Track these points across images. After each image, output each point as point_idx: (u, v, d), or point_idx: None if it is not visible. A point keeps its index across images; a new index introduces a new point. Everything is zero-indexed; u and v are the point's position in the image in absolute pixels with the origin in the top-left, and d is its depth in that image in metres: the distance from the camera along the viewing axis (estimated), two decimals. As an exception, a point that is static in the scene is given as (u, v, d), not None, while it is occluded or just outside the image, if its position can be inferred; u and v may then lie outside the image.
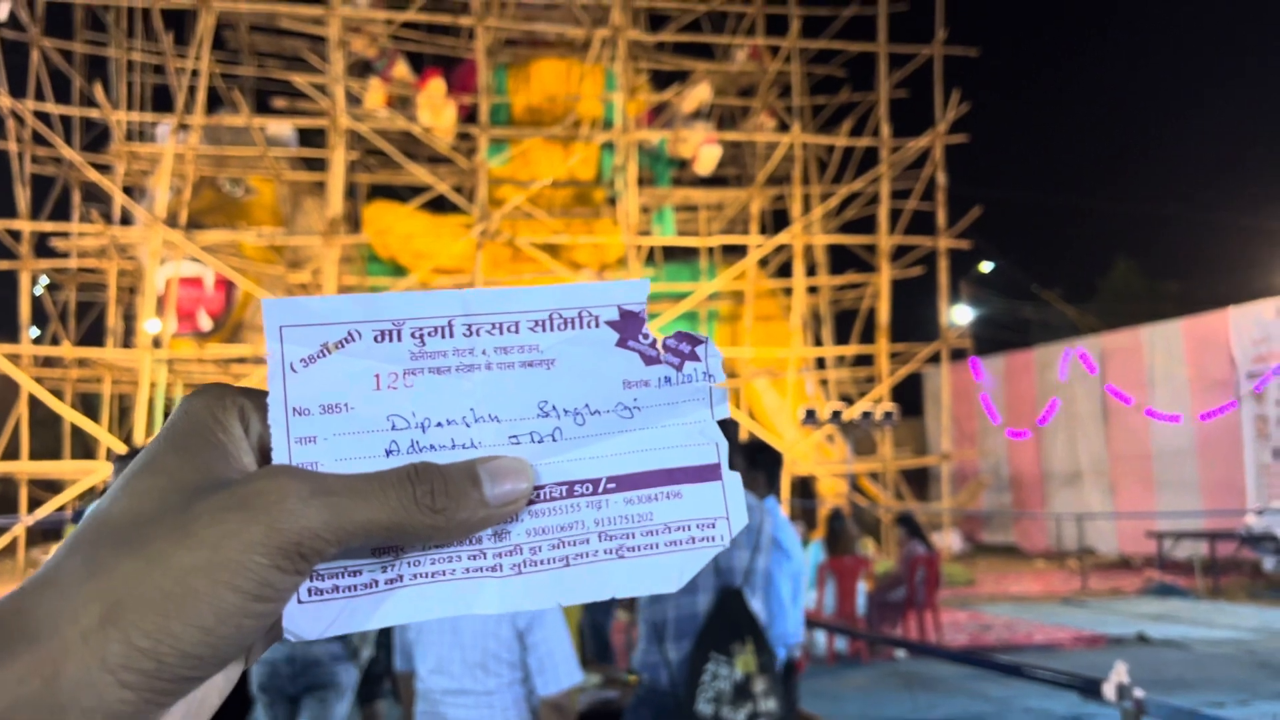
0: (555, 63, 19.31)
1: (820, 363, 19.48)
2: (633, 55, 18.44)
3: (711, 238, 19.27)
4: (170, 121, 16.26)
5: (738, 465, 3.95)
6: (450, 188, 17.74)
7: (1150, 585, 14.10)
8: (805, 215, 18.45)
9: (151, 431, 15.28)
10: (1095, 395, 18.61)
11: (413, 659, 3.08)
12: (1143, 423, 17.53)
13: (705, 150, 18.48)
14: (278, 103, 18.14)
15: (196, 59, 15.95)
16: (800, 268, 18.22)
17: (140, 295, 16.98)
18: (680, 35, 19.92)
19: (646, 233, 18.84)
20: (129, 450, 5.77)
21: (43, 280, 18.36)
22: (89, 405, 18.26)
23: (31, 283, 17.66)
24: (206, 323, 16.60)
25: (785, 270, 19.33)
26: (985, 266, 22.95)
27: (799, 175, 18.98)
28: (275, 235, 16.82)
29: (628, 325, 0.45)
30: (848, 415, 15.13)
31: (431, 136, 17.57)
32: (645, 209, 19.23)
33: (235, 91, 18.07)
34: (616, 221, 17.93)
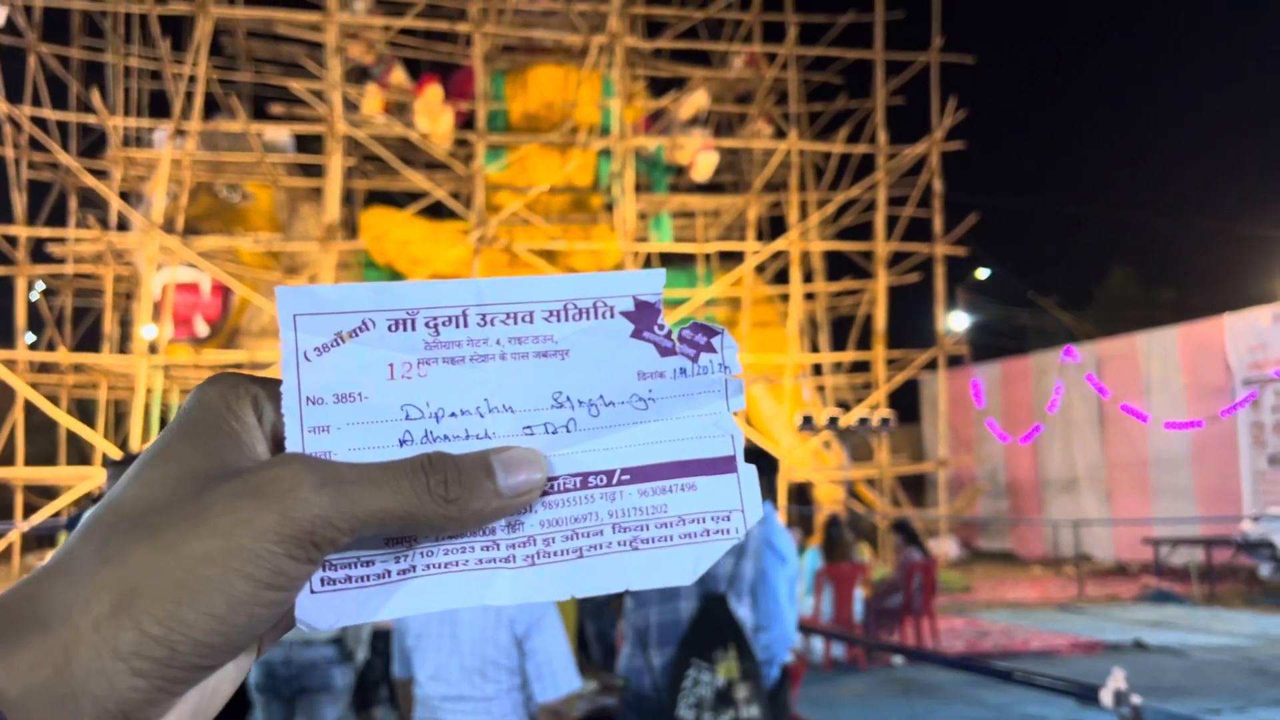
0: (552, 69, 19.35)
1: (817, 369, 19.50)
2: (630, 62, 18.48)
3: (708, 244, 19.29)
4: (167, 127, 16.27)
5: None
6: (447, 194, 17.75)
7: (1147, 592, 14.11)
8: (802, 222, 18.49)
9: (148, 437, 15.25)
10: (1091, 402, 18.63)
11: (411, 666, 3.07)
12: (1139, 430, 17.55)
13: (702, 157, 18.50)
14: (275, 109, 18.16)
15: (194, 65, 15.96)
16: (797, 274, 18.24)
17: (137, 301, 16.97)
18: (677, 42, 19.96)
19: (644, 239, 18.85)
20: (124, 456, 5.76)
21: (39, 286, 18.35)
22: (85, 411, 18.23)
23: (28, 288, 17.65)
24: (203, 328, 16.59)
25: (782, 276, 19.37)
26: (982, 273, 22.99)
27: (796, 182, 19.02)
28: (272, 241, 16.82)
29: (643, 316, 0.45)
30: (844, 421, 15.14)
31: (429, 143, 17.59)
32: (642, 215, 19.25)
33: (232, 97, 18.08)
34: (613, 228, 17.94)
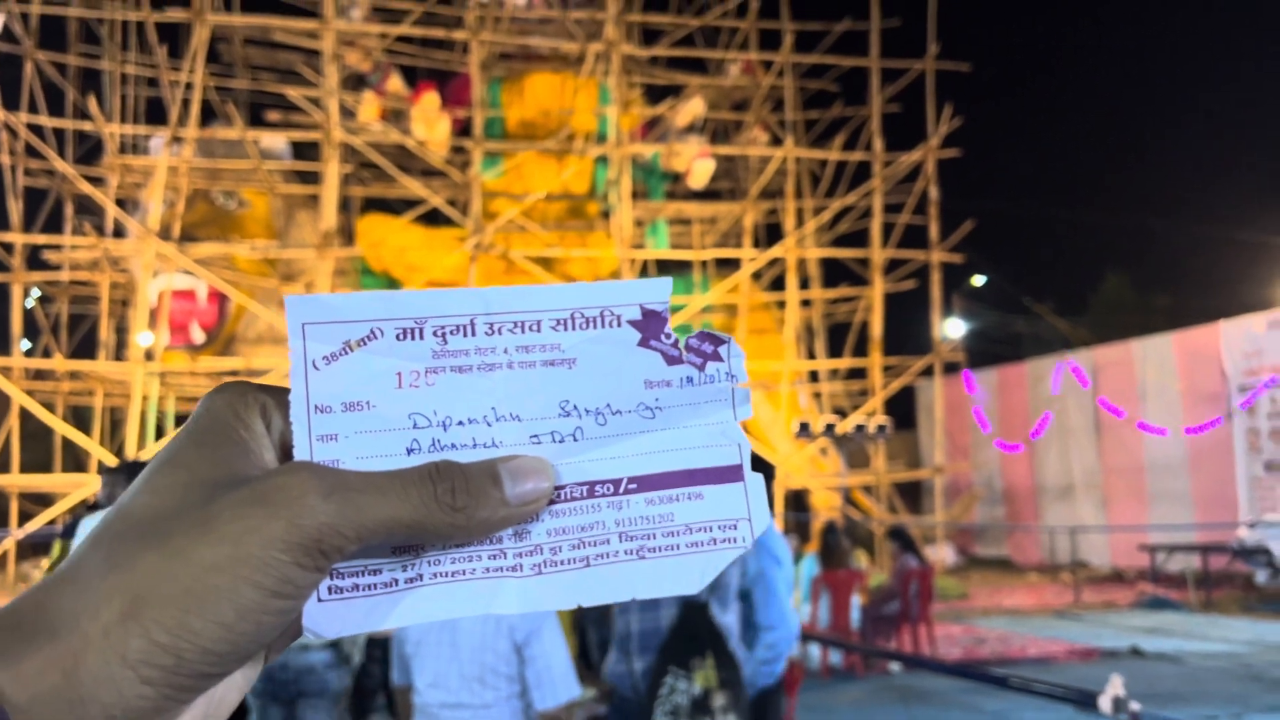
0: (549, 77, 19.37)
1: (813, 376, 19.51)
2: (626, 70, 18.51)
3: (705, 251, 19.32)
4: (164, 134, 16.26)
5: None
6: (444, 201, 17.76)
7: (1143, 598, 14.11)
8: (798, 229, 18.51)
9: (144, 444, 15.22)
10: (1088, 408, 18.65)
11: (410, 672, 3.07)
12: (1135, 436, 17.57)
13: (699, 164, 18.52)
14: (271, 115, 18.16)
15: (190, 72, 15.97)
16: (793, 281, 18.26)
17: (133, 308, 16.95)
18: (673, 50, 20.00)
19: (640, 246, 18.86)
20: (120, 463, 5.76)
21: (34, 292, 18.32)
22: (80, 418, 18.19)
23: (24, 295, 17.62)
24: (199, 335, 16.56)
25: (779, 283, 19.38)
26: (978, 280, 23.05)
27: (792, 189, 19.04)
28: (269, 248, 16.81)
29: (650, 325, 0.45)
30: (841, 428, 15.15)
31: (425, 150, 17.59)
32: (639, 222, 19.26)
33: (229, 104, 18.10)
34: (610, 234, 17.96)
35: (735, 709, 3.23)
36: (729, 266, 19.29)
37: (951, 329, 20.03)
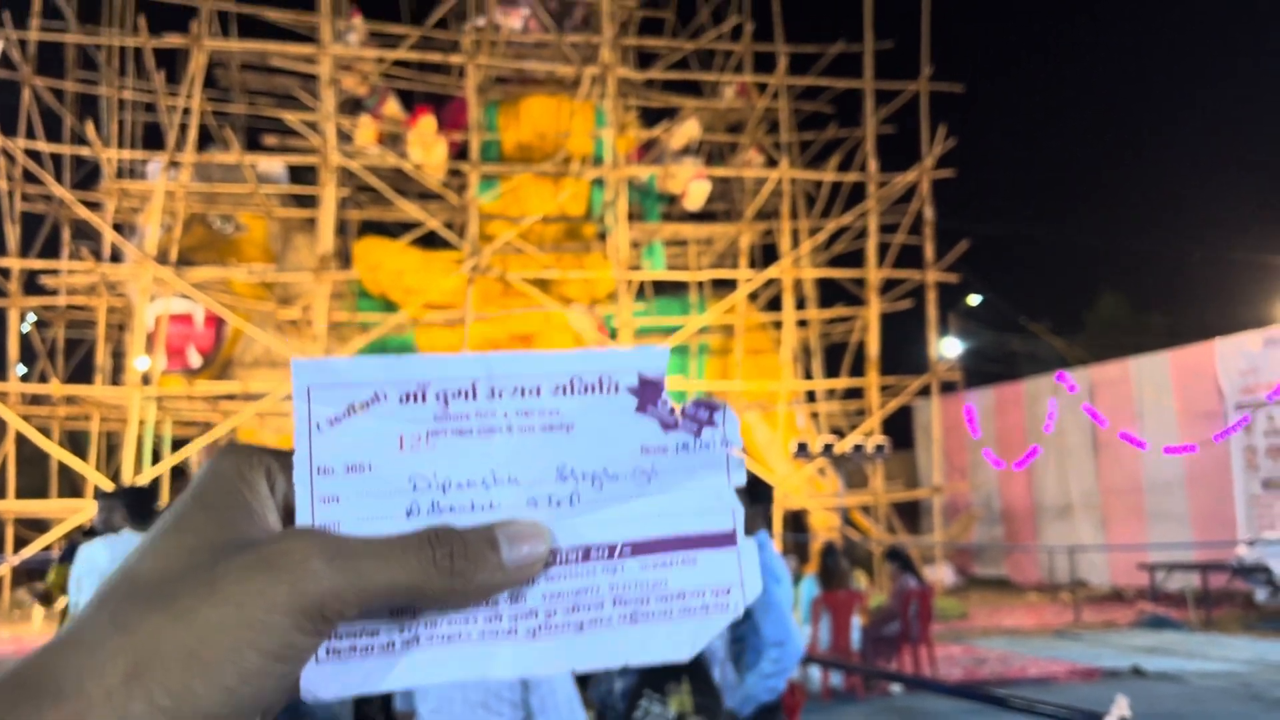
0: (545, 100, 19.46)
1: (811, 396, 19.51)
2: (622, 92, 18.61)
3: (701, 272, 19.36)
4: (161, 159, 16.31)
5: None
6: (441, 223, 17.80)
7: (1143, 618, 14.07)
8: (794, 250, 18.55)
9: (140, 469, 15.18)
10: (1085, 427, 18.65)
11: (413, 698, 3.06)
12: (1133, 455, 17.56)
13: (694, 186, 18.59)
14: (269, 140, 18.21)
15: (188, 97, 16.04)
16: (790, 301, 18.29)
17: (129, 332, 16.94)
18: (669, 73, 20.12)
19: (637, 267, 18.90)
20: (116, 488, 5.74)
21: (30, 317, 18.32)
22: (77, 443, 18.15)
23: (20, 320, 17.62)
24: (196, 360, 16.55)
25: (775, 304, 19.41)
26: (973, 299, 23.11)
27: (787, 210, 19.10)
28: (266, 271, 16.83)
29: (647, 392, 0.45)
30: (839, 448, 15.13)
31: (422, 173, 17.65)
32: (635, 244, 19.31)
33: (226, 129, 18.15)
34: (607, 256, 18.00)
35: None
36: (725, 287, 19.33)
37: (948, 348, 20.07)
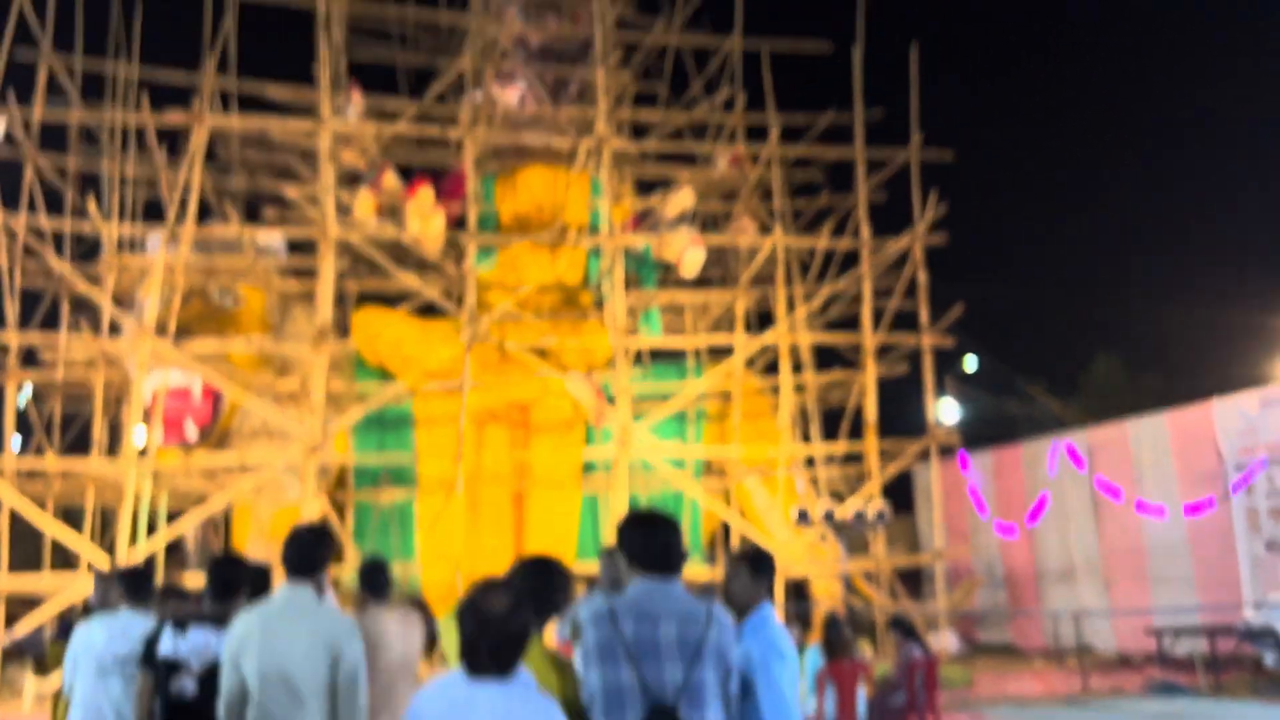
0: (542, 171, 19.72)
1: (810, 461, 19.45)
2: (617, 163, 18.86)
3: (698, 338, 19.43)
4: (161, 233, 16.44)
5: (742, 576, 3.92)
6: (439, 293, 17.90)
7: (1152, 684, 13.87)
8: (790, 315, 18.65)
9: (135, 544, 15.02)
10: (1085, 489, 18.57)
11: None
12: (1134, 517, 17.46)
13: (690, 254, 18.74)
14: (268, 213, 18.41)
15: (189, 172, 16.22)
16: (786, 366, 18.33)
17: (127, 405, 16.91)
18: (663, 144, 20.42)
19: (634, 334, 18.99)
20: (113, 568, 5.67)
21: (27, 389, 18.27)
22: (71, 518, 17.98)
23: (17, 394, 17.57)
24: (193, 432, 16.50)
25: (772, 368, 19.46)
26: (970, 363, 23.20)
27: (782, 276, 19.23)
28: (264, 343, 16.87)
29: None
30: (840, 514, 15.05)
31: (420, 244, 17.79)
32: (632, 310, 19.42)
33: (226, 203, 18.35)
34: (604, 323, 18.08)
35: None
36: (722, 353, 19.40)
37: (946, 412, 20.09)
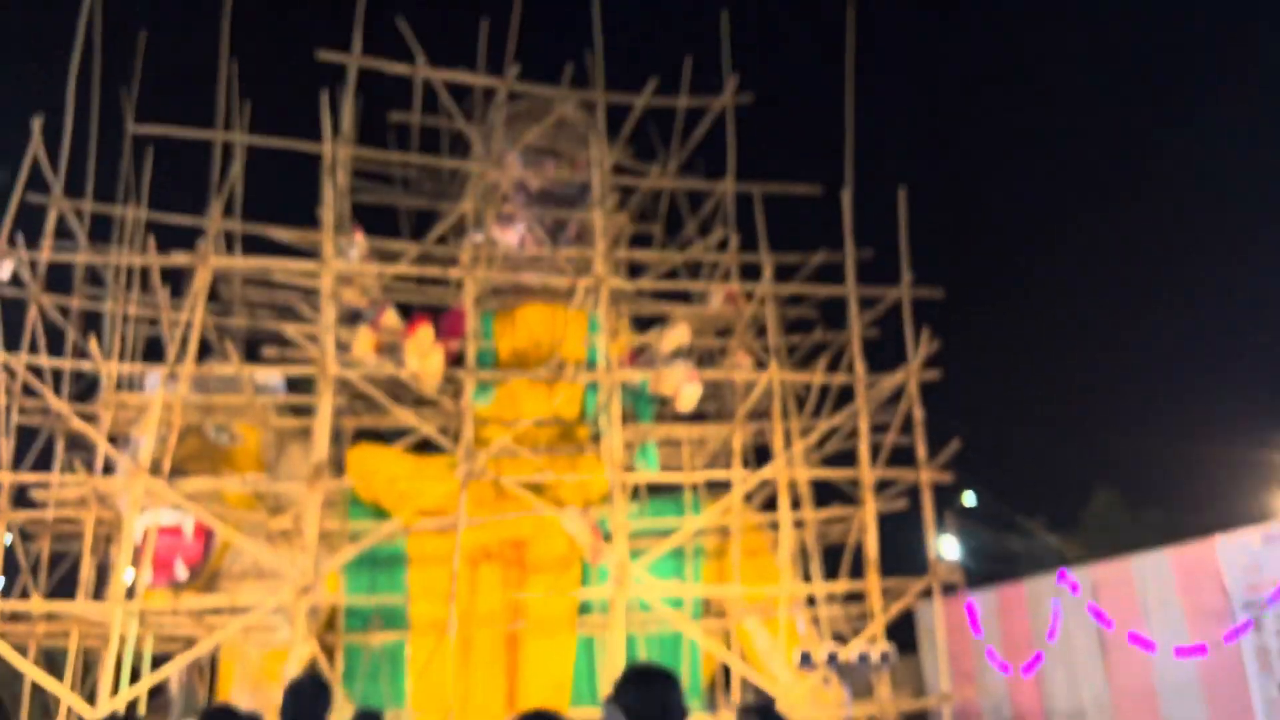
0: (540, 308, 20.01)
1: (811, 600, 19.10)
2: (614, 301, 19.16)
3: (695, 473, 19.33)
4: (160, 371, 16.52)
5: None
6: (436, 429, 17.88)
7: (1173, 836, 13.31)
8: (787, 450, 18.63)
9: (118, 688, 14.56)
10: (1090, 628, 18.23)
11: None
12: (1142, 657, 17.07)
13: (686, 388, 18.85)
14: (268, 351, 18.56)
15: (191, 312, 16.42)
16: (785, 502, 18.19)
17: (116, 545, 16.65)
18: (659, 283, 20.79)
19: (631, 469, 18.90)
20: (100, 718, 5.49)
21: (12, 530, 18.02)
22: (53, 661, 17.51)
23: (3, 534, 17.33)
24: (183, 572, 16.20)
25: (770, 504, 19.32)
26: (968, 498, 23.09)
27: (778, 410, 19.29)
28: (259, 482, 16.75)
29: None
30: (844, 656, 14.69)
31: (418, 381, 17.89)
32: (629, 445, 19.40)
33: (227, 341, 18.50)
34: (600, 458, 18.02)
35: None
36: (720, 488, 19.29)
37: (947, 548, 19.85)
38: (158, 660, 16.81)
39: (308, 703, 3.97)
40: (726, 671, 18.88)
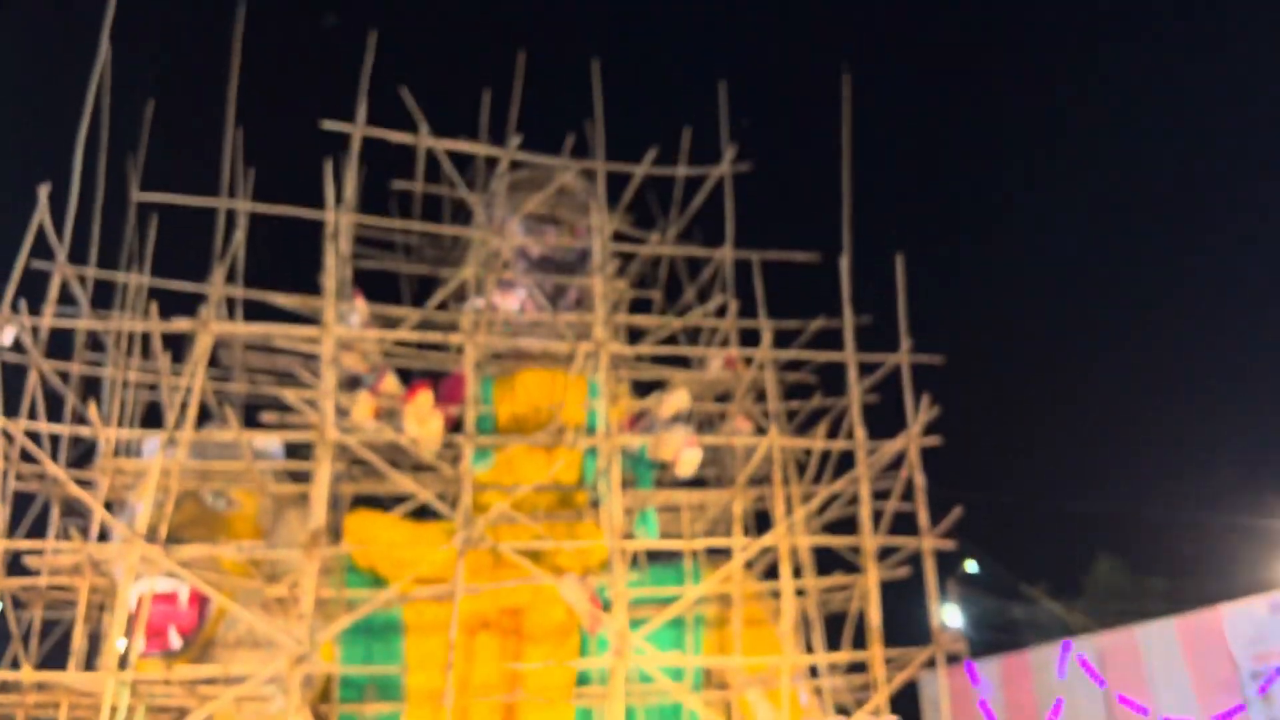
0: (540, 374, 19.99)
1: (813, 670, 18.83)
2: (614, 366, 19.20)
3: (695, 540, 19.15)
4: (158, 437, 16.46)
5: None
6: (434, 495, 17.77)
7: None
8: (788, 516, 18.52)
9: (106, 762, 14.24)
10: (1097, 698, 18.01)
11: None
12: (1151, 729, 16.86)
13: (686, 454, 18.75)
14: (267, 417, 18.54)
15: (191, 377, 16.43)
16: (787, 570, 18.01)
17: (110, 613, 16.41)
18: (658, 348, 20.83)
19: (630, 535, 18.75)
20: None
21: (4, 598, 17.81)
22: (41, 733, 17.16)
23: (-3, 602, 17.14)
24: (177, 641, 15.91)
25: (771, 572, 19.13)
26: (970, 566, 22.92)
27: (779, 477, 19.20)
28: (256, 549, 16.59)
29: None
30: (847, 730, 14.47)
31: (417, 446, 17.84)
32: (628, 511, 19.28)
33: (226, 407, 18.47)
34: (599, 524, 17.88)
35: None
36: (720, 555, 19.13)
37: (950, 617, 19.64)
38: (148, 731, 16.49)
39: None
40: (728, 743, 18.53)
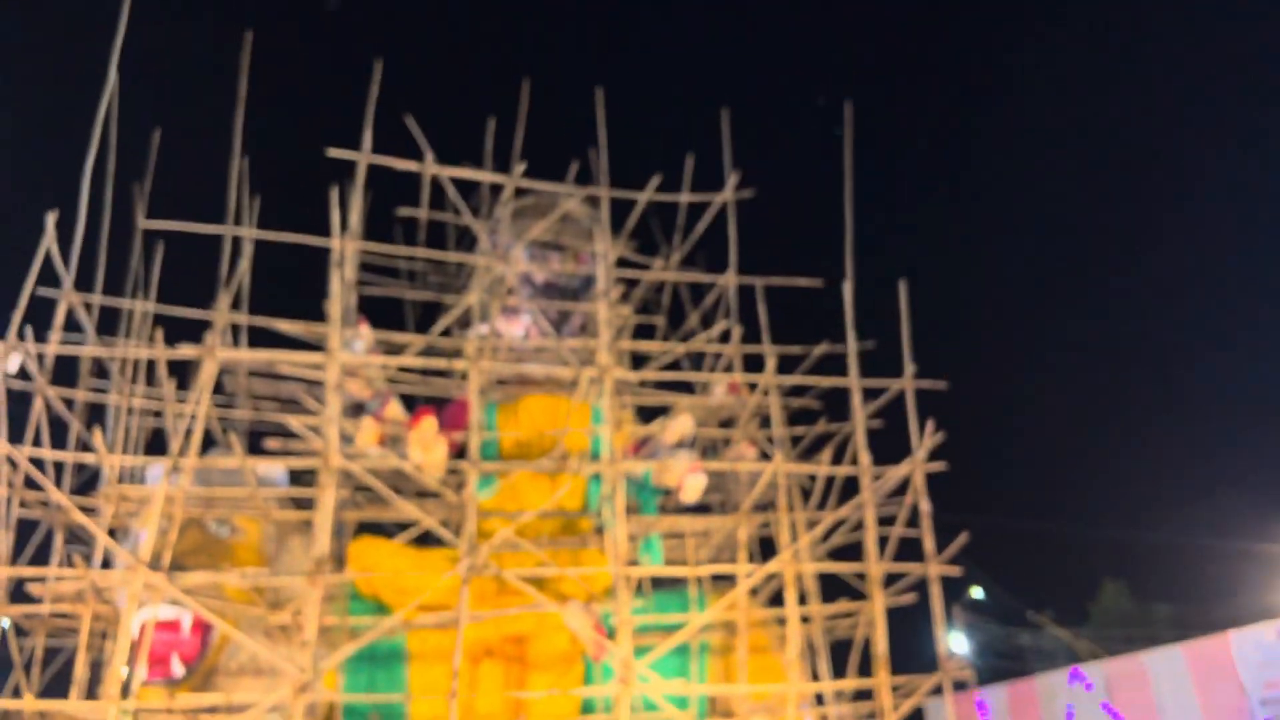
0: (544, 399, 19.98)
1: (819, 698, 18.69)
2: (618, 391, 19.17)
3: (700, 567, 19.08)
4: (162, 463, 16.43)
5: None
6: (438, 522, 17.72)
7: None
8: (793, 542, 18.44)
9: (107, 793, 14.12)
10: (1106, 725, 17.86)
11: None
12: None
13: (690, 479, 18.68)
14: (271, 443, 18.52)
15: (195, 404, 16.42)
16: (793, 596, 17.92)
17: (112, 640, 16.32)
18: (662, 373, 20.82)
19: (634, 562, 18.66)
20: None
21: (4, 623, 17.72)
22: (41, 763, 17.02)
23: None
24: (179, 669, 15.82)
25: (776, 599, 19.03)
26: (976, 592, 22.81)
27: (784, 503, 19.14)
28: (259, 576, 16.53)
29: None
30: (854, 757, 14.35)
31: (421, 473, 17.79)
32: (633, 537, 19.21)
33: (230, 433, 18.45)
34: (604, 551, 17.81)
35: None
36: (725, 581, 19.03)
37: (956, 644, 19.53)
38: (150, 761, 16.37)
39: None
40: (733, 773, 18.36)
